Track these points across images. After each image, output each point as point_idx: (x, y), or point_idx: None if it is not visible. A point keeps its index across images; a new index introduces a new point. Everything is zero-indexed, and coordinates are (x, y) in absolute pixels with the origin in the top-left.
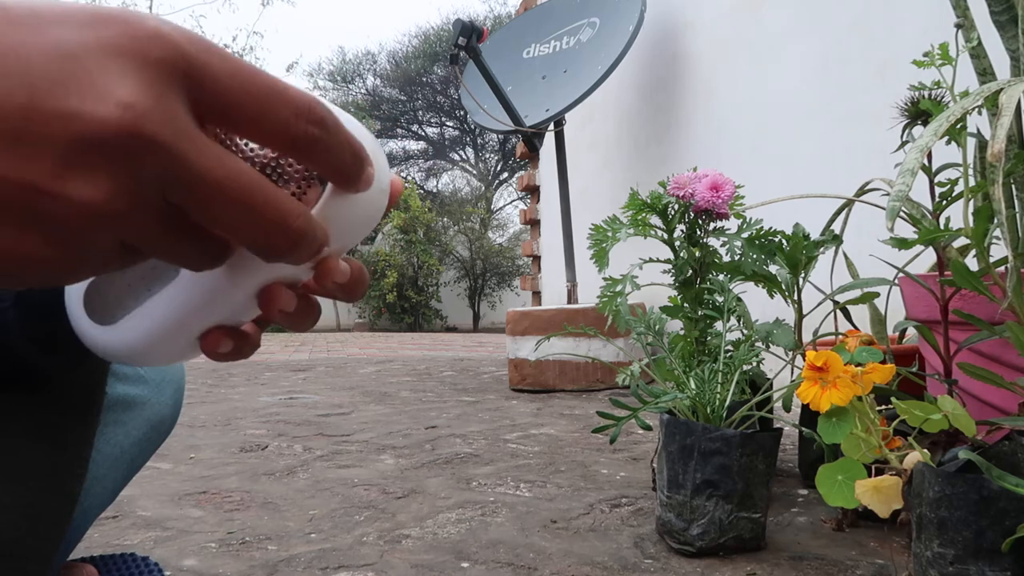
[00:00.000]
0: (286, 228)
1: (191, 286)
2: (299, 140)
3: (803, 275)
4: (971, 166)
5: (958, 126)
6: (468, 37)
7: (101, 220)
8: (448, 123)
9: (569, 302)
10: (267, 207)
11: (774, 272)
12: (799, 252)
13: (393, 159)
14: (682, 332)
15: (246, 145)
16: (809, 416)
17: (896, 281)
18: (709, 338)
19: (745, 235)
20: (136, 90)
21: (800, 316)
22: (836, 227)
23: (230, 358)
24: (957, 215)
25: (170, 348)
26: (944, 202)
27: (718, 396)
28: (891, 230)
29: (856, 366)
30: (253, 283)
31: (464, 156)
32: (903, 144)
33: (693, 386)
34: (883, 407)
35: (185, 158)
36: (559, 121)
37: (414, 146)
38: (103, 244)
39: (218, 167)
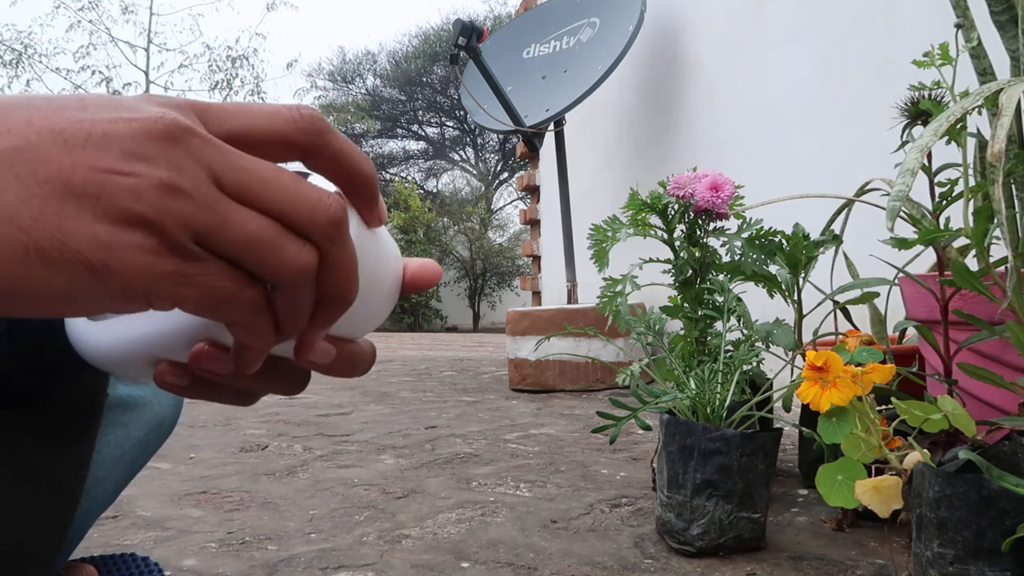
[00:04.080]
0: (317, 203)
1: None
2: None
3: (803, 275)
4: (971, 166)
5: (958, 126)
6: (468, 37)
7: (167, 195)
8: (448, 123)
9: (569, 302)
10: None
11: (774, 272)
12: (799, 252)
13: (393, 159)
14: (682, 332)
15: None
16: (809, 416)
17: (896, 281)
18: (709, 338)
19: (745, 235)
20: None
21: (800, 316)
22: (836, 227)
23: (189, 395)
24: (957, 215)
25: (128, 365)
26: (944, 202)
27: (718, 396)
28: (891, 230)
29: (856, 366)
30: (188, 332)
31: (464, 156)
32: (903, 144)
33: (693, 386)
34: (883, 407)
35: (223, 144)
36: (559, 121)
37: (414, 146)
38: (167, 220)
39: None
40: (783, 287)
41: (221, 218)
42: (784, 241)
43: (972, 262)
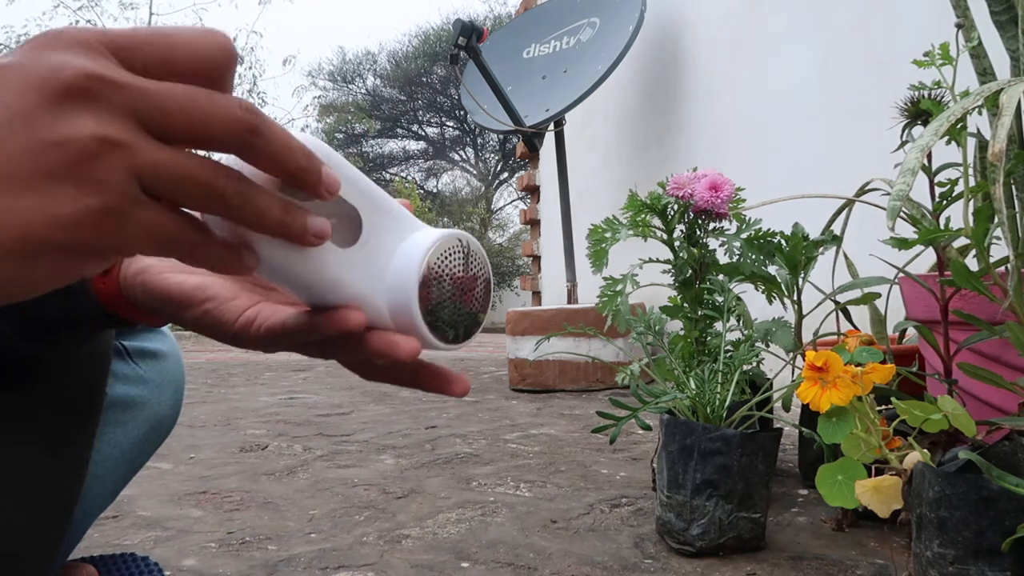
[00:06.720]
0: (228, 113)
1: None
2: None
3: (803, 275)
4: (971, 166)
5: (958, 126)
6: (468, 37)
7: (106, 150)
8: (448, 123)
9: (569, 302)
10: (213, 101)
11: (773, 272)
12: (799, 252)
13: (393, 159)
14: (682, 332)
15: None
16: (809, 416)
17: (896, 281)
18: (709, 338)
19: (744, 235)
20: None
21: (800, 316)
22: (836, 227)
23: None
24: (957, 215)
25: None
26: (944, 202)
27: (718, 396)
28: (891, 230)
29: (856, 366)
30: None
31: (464, 156)
32: (903, 144)
33: (693, 386)
34: (883, 407)
35: (136, 84)
36: (559, 121)
37: (414, 146)
38: (118, 176)
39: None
40: (783, 288)
41: (159, 164)
42: (784, 241)
43: (972, 262)
